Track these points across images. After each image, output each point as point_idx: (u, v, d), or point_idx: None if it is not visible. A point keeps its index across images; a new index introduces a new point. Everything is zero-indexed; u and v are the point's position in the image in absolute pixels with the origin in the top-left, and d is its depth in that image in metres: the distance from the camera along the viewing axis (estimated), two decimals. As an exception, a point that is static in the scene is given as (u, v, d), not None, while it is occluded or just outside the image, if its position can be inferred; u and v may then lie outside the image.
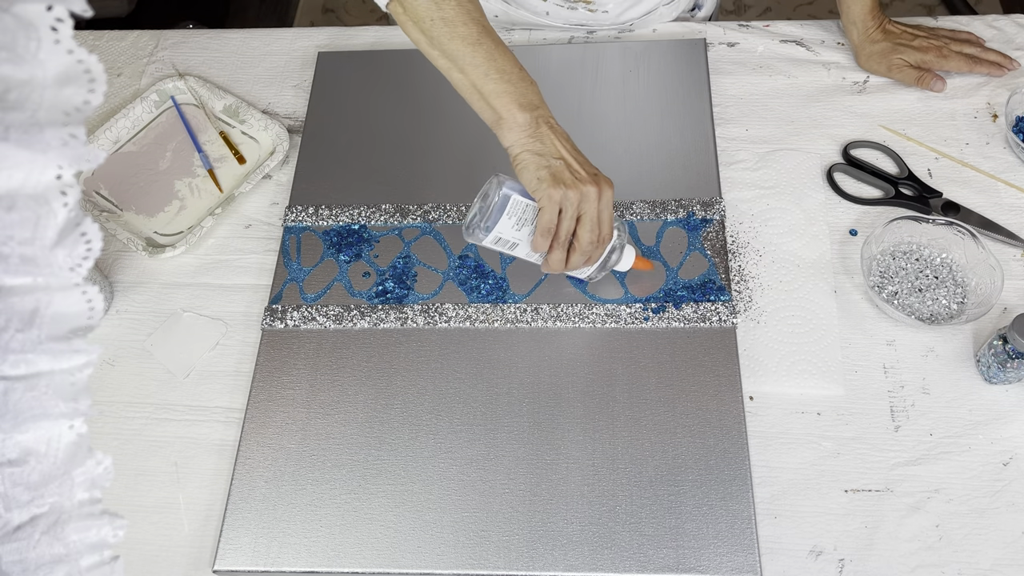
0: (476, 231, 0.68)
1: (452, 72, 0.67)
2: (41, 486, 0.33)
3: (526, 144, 0.65)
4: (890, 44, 0.89)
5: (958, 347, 0.74)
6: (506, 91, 0.65)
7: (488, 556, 0.66)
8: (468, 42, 0.65)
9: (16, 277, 0.30)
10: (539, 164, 0.65)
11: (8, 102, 0.28)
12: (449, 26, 0.65)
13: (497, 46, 0.66)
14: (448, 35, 0.65)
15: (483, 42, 0.65)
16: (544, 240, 0.67)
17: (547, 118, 0.66)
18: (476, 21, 0.66)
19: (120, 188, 0.90)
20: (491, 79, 0.65)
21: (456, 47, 0.65)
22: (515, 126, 0.65)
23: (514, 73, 0.66)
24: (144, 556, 0.70)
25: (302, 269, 0.82)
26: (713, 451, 0.69)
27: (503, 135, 0.66)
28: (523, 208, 0.67)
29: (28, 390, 0.32)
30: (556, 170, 0.65)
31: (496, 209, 0.66)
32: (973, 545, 0.66)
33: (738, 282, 0.79)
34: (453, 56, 0.66)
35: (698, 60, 0.93)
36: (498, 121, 0.66)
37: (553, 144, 0.66)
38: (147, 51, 1.02)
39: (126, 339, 0.81)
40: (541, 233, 0.66)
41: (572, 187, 0.64)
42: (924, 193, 0.83)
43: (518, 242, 0.69)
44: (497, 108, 0.65)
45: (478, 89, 0.66)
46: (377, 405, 0.74)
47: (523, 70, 0.67)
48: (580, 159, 0.67)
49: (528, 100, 0.66)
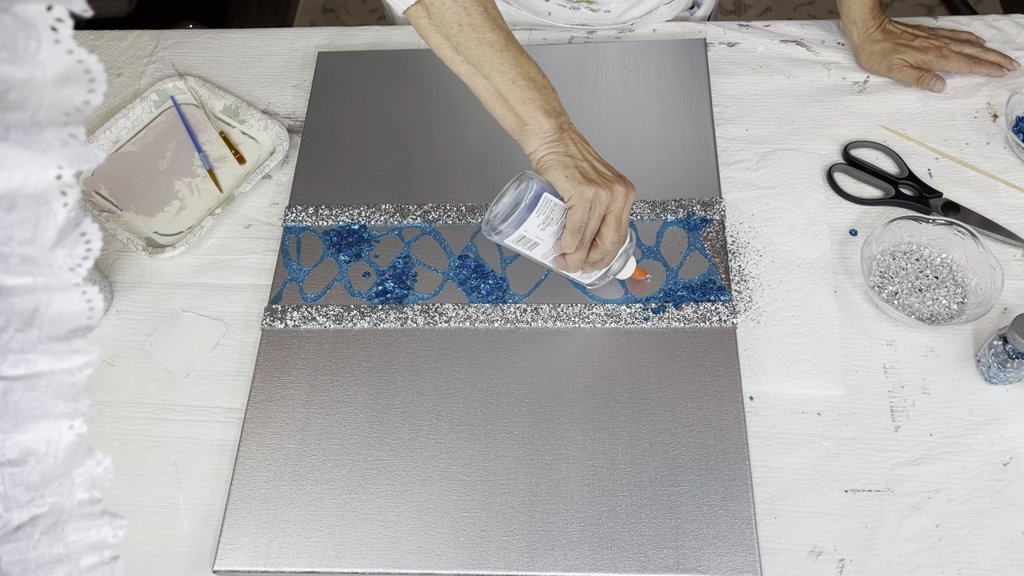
0: (501, 228, 0.66)
1: (475, 78, 0.66)
2: (41, 486, 0.33)
3: (551, 147, 0.65)
4: (890, 44, 0.89)
5: (958, 347, 0.74)
6: (532, 98, 0.65)
7: (488, 556, 0.67)
8: (495, 48, 0.65)
9: (16, 277, 0.30)
10: (567, 163, 0.64)
11: (8, 102, 0.28)
12: (477, 31, 0.65)
13: (522, 53, 0.66)
14: (476, 40, 0.65)
15: (510, 48, 0.65)
16: (574, 239, 0.66)
17: (569, 124, 0.67)
18: (501, 27, 0.66)
19: (120, 188, 0.90)
20: (518, 86, 0.65)
21: (483, 53, 0.65)
22: (540, 132, 0.65)
23: (538, 80, 0.66)
24: (144, 556, 0.70)
25: (302, 269, 0.82)
26: (713, 451, 0.69)
27: (527, 141, 0.66)
28: (552, 207, 0.66)
29: (28, 390, 0.32)
30: (584, 170, 0.64)
31: (526, 207, 0.65)
32: (973, 545, 0.66)
33: (738, 282, 0.79)
34: (479, 62, 0.65)
35: (698, 60, 0.93)
36: (522, 128, 0.66)
37: (579, 147, 0.66)
38: (147, 51, 1.02)
39: (126, 339, 0.81)
40: (571, 232, 0.65)
41: (603, 186, 0.64)
42: (924, 193, 0.83)
43: (539, 242, 0.67)
44: (522, 115, 0.65)
45: (503, 95, 0.65)
46: (377, 405, 0.74)
47: (546, 77, 0.67)
48: (603, 162, 0.67)
49: (552, 107, 0.66)
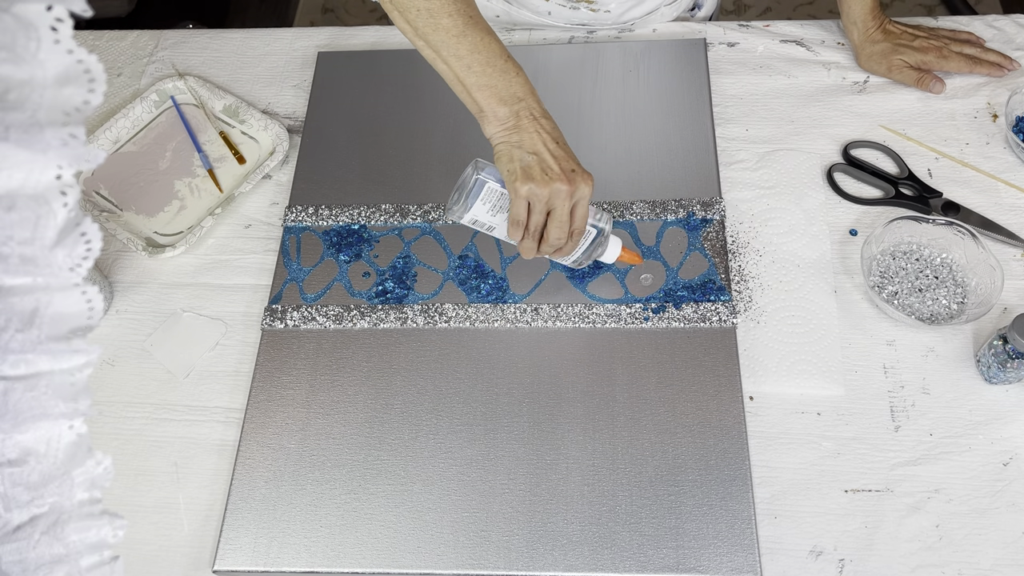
0: (454, 209, 0.69)
1: (437, 63, 0.67)
2: (41, 486, 0.33)
3: (504, 136, 0.66)
4: (890, 44, 0.89)
5: (958, 347, 0.74)
6: (487, 84, 0.65)
7: (488, 556, 0.66)
8: (452, 34, 0.65)
9: (16, 277, 0.30)
10: (512, 157, 0.65)
11: (8, 102, 0.28)
12: (434, 17, 0.65)
13: (483, 37, 0.65)
14: (432, 26, 0.65)
15: (467, 34, 0.65)
16: (515, 230, 0.67)
17: (532, 109, 0.66)
18: (461, 12, 0.65)
19: (120, 188, 0.90)
20: (473, 72, 0.65)
21: (441, 38, 0.65)
22: (495, 119, 0.66)
23: (497, 65, 0.65)
24: (144, 556, 0.70)
25: (302, 269, 0.82)
26: (713, 451, 0.69)
27: (484, 127, 0.67)
28: (498, 195, 0.68)
29: (28, 390, 0.32)
30: (527, 165, 0.65)
31: (471, 194, 0.67)
32: (973, 545, 0.66)
33: (738, 282, 0.79)
34: (438, 47, 0.65)
35: (698, 60, 0.93)
36: (480, 113, 0.67)
37: (532, 138, 0.65)
38: (147, 51, 1.02)
39: (126, 339, 0.81)
40: (511, 224, 0.67)
41: (541, 184, 0.64)
42: (924, 193, 0.83)
43: (495, 226, 0.70)
44: (478, 100, 0.66)
45: (461, 81, 0.66)
46: (377, 405, 0.74)
47: (509, 60, 0.66)
48: (560, 154, 0.66)
49: (511, 93, 0.65)
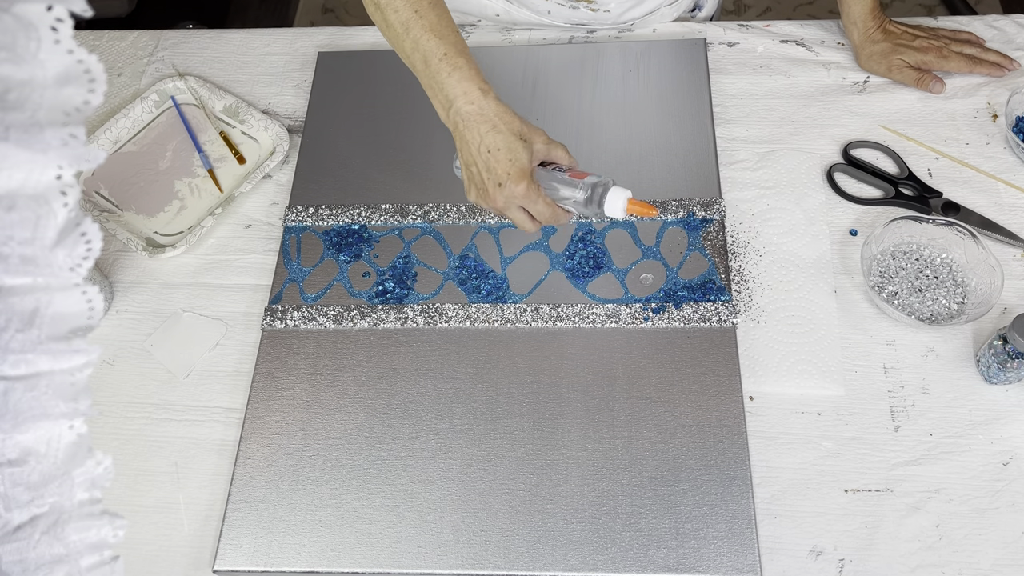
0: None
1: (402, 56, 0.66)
2: (41, 486, 0.33)
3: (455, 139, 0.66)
4: (890, 44, 0.89)
5: (958, 347, 0.74)
6: (428, 85, 0.65)
7: (488, 556, 0.66)
8: (396, 31, 0.64)
9: (16, 277, 0.30)
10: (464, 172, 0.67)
11: (8, 102, 0.28)
12: (381, 11, 0.64)
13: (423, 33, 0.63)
14: (383, 23, 0.65)
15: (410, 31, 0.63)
16: None
17: (462, 112, 0.63)
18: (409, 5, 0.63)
19: (120, 188, 0.90)
20: (417, 71, 0.65)
21: (391, 35, 0.65)
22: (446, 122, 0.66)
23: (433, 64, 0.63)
24: (144, 556, 0.70)
25: (302, 269, 0.82)
26: (713, 451, 0.69)
27: None
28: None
29: (28, 390, 0.32)
30: (468, 177, 0.67)
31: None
32: (973, 545, 0.66)
33: (738, 282, 0.79)
34: (392, 42, 0.65)
35: (698, 60, 0.93)
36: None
37: (466, 148, 0.65)
38: (147, 51, 1.02)
39: (126, 339, 0.81)
40: None
41: (482, 199, 0.66)
42: (924, 193, 0.83)
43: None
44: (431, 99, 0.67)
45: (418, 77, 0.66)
46: (377, 405, 0.74)
47: (444, 59, 0.62)
48: (489, 162, 0.63)
49: (444, 96, 0.63)
